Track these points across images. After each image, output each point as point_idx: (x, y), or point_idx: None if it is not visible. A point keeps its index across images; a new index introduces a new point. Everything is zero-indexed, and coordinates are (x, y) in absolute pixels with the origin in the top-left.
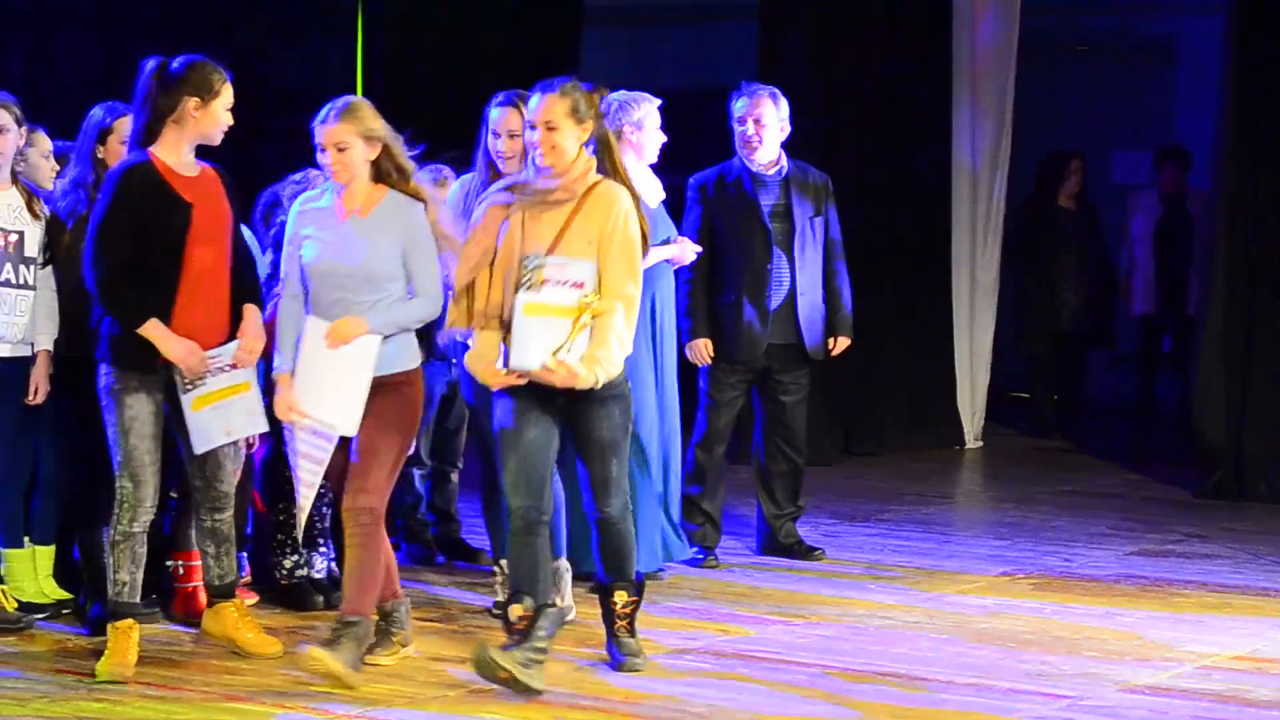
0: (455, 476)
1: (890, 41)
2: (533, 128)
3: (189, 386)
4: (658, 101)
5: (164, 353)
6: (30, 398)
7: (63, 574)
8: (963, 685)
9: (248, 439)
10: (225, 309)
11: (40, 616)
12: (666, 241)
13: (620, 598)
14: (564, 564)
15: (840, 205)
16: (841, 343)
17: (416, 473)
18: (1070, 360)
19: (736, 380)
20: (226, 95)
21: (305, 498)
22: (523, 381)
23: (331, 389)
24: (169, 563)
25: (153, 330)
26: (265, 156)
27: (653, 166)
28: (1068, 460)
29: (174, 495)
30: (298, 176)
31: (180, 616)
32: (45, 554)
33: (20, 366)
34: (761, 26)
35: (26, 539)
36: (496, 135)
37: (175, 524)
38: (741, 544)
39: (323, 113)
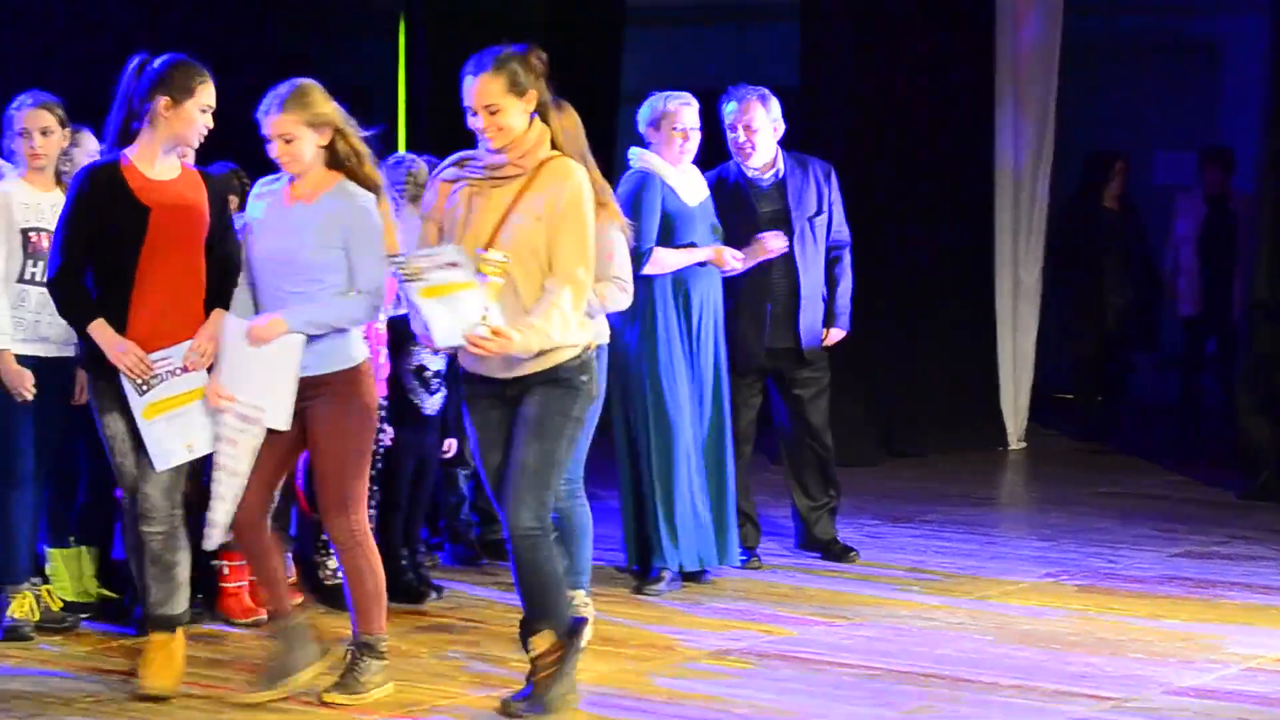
0: None
1: (933, 41)
2: (473, 114)
3: (141, 390)
4: (692, 100)
5: (105, 353)
6: (75, 398)
7: (106, 573)
8: (1007, 687)
9: None
10: (194, 316)
11: (85, 616)
12: (691, 245)
13: (538, 644)
14: (581, 597)
15: (882, 206)
16: (834, 334)
17: (461, 473)
18: (1114, 362)
19: (751, 381)
20: (203, 96)
21: (226, 484)
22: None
23: (258, 382)
24: (214, 562)
25: (97, 331)
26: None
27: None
28: (1112, 461)
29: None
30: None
31: (225, 616)
32: (90, 553)
33: (64, 366)
34: (803, 26)
35: (71, 538)
36: None
37: None
38: (779, 545)
39: (265, 102)
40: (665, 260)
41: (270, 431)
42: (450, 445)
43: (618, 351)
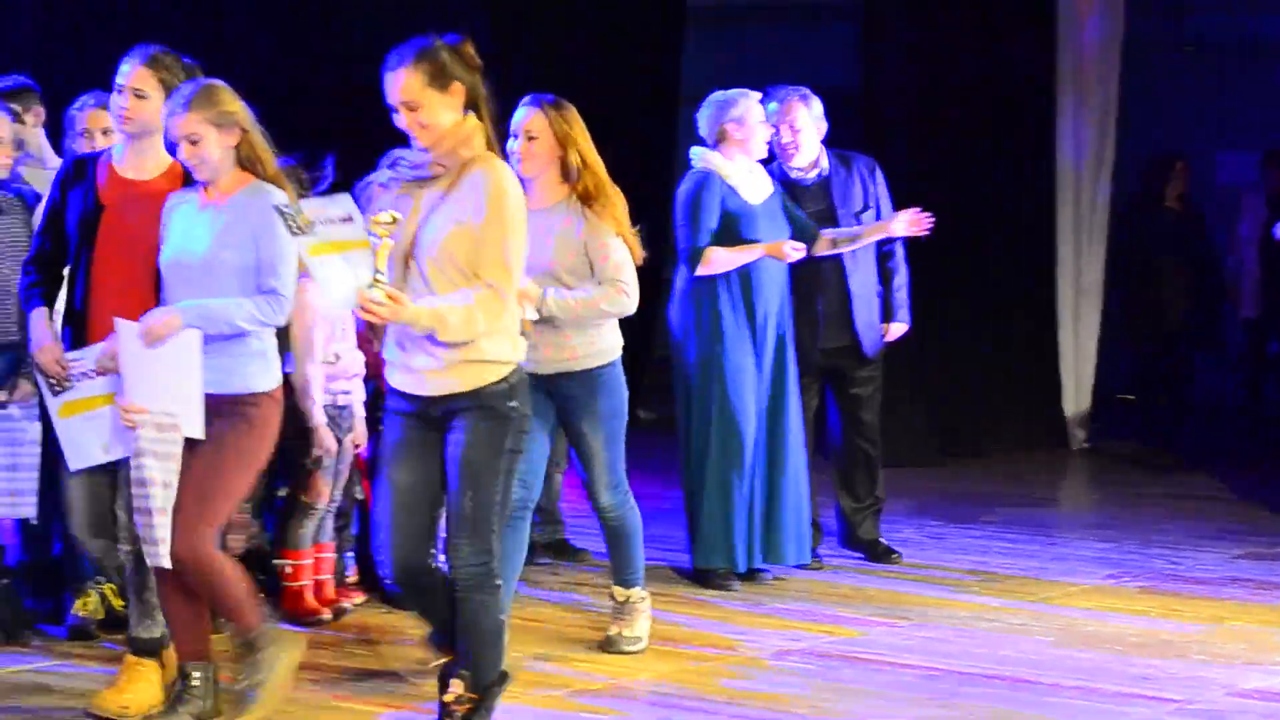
0: (559, 476)
1: (994, 41)
2: (395, 110)
3: (55, 390)
4: (758, 95)
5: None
6: None
7: None
8: (1069, 688)
9: (354, 438)
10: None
11: None
12: (754, 242)
13: (454, 689)
14: (637, 593)
15: (941, 206)
16: (895, 329)
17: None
18: (1176, 363)
19: (808, 382)
20: (118, 77)
21: (160, 498)
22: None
23: (165, 389)
24: (276, 561)
25: (32, 322)
26: (364, 153)
27: (761, 161)
28: (1174, 463)
29: (281, 494)
30: (387, 169)
31: (289, 615)
32: None
33: None
34: (864, 26)
35: None
36: (515, 136)
37: (282, 523)
38: (827, 546)
39: (170, 103)
40: (721, 259)
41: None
42: None
43: (681, 352)
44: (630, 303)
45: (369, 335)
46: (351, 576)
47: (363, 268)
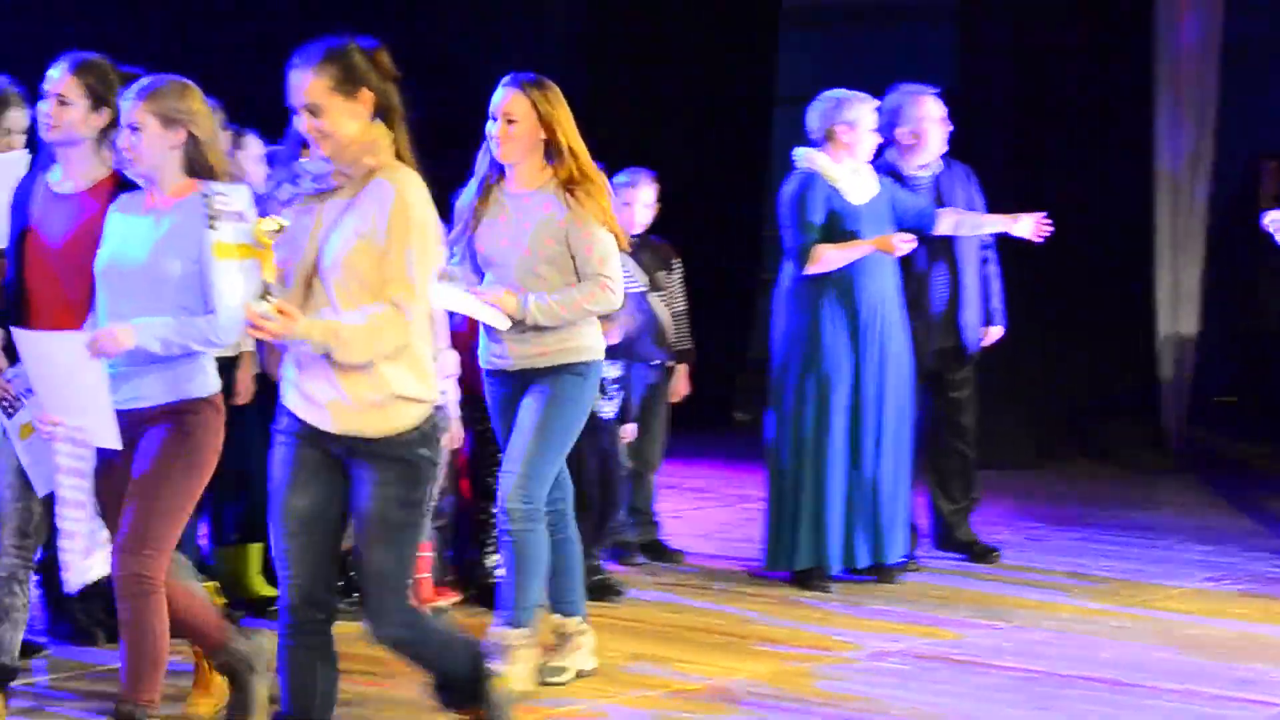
0: (652, 477)
1: (1091, 42)
2: (297, 113)
3: (9, 412)
4: (875, 102)
5: None
6: (235, 398)
7: (269, 571)
8: (1169, 691)
9: (451, 437)
10: None
11: (246, 614)
12: (856, 234)
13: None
14: (572, 624)
15: (1038, 209)
16: (994, 333)
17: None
18: (1277, 364)
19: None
20: (46, 83)
21: (73, 520)
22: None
23: (70, 402)
24: None
25: None
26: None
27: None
28: (1275, 465)
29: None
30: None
31: None
32: (254, 551)
33: (225, 367)
34: (960, 27)
35: (234, 536)
36: (494, 119)
37: None
38: (922, 548)
39: (127, 90)
40: (830, 257)
41: (108, 465)
42: (630, 431)
43: (780, 350)
44: (615, 299)
45: (271, 354)
46: (449, 576)
47: (252, 278)
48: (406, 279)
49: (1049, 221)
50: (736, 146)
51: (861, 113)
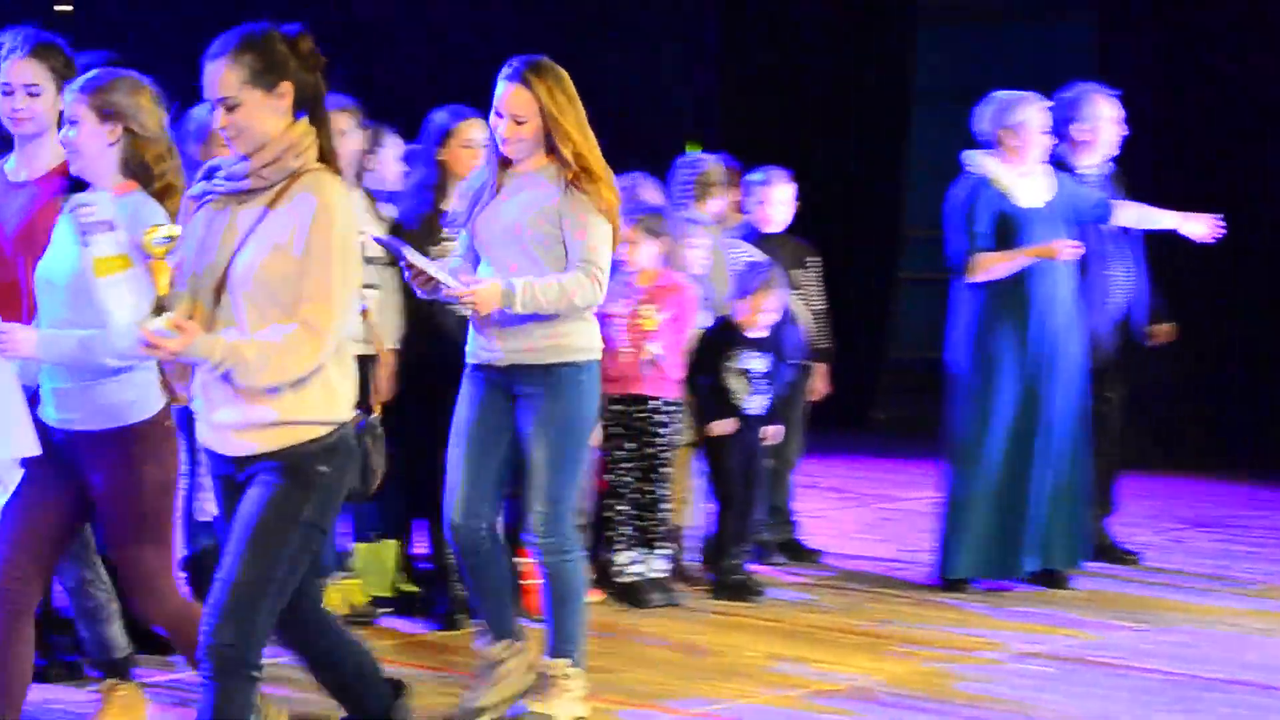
0: (790, 475)
1: (1236, 41)
2: (213, 108)
3: None
4: (1045, 102)
5: None
6: (375, 396)
7: (408, 567)
8: None
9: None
10: None
11: (386, 611)
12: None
13: None
14: (563, 666)
15: (1187, 209)
16: (1167, 329)
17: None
18: None
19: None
20: (4, 76)
21: None
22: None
23: None
24: (514, 560)
25: None
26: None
27: None
28: None
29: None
30: (625, 183)
31: (529, 613)
32: (392, 547)
33: (365, 365)
34: (1101, 24)
35: (373, 533)
36: (499, 114)
37: (515, 524)
38: None
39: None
40: (994, 267)
41: (39, 481)
42: (773, 433)
43: (952, 359)
44: (600, 295)
45: (168, 379)
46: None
47: (135, 288)
48: (326, 299)
49: (1222, 223)
50: (874, 144)
51: (1030, 114)
